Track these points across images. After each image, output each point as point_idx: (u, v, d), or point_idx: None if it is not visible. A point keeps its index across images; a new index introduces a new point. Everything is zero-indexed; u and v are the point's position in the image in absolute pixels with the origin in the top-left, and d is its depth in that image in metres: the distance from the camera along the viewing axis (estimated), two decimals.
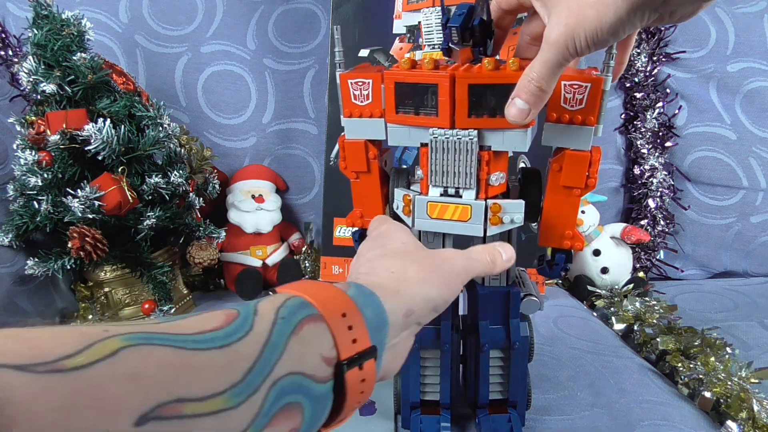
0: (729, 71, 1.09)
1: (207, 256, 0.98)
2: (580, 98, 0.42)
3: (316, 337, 0.29)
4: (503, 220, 0.46)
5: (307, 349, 0.28)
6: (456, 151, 0.45)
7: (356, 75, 0.47)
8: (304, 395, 0.27)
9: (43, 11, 0.83)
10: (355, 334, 0.30)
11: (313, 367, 0.28)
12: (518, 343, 0.54)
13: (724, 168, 1.10)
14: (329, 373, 0.29)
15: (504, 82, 0.41)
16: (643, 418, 0.61)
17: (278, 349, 0.26)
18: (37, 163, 0.83)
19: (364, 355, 0.30)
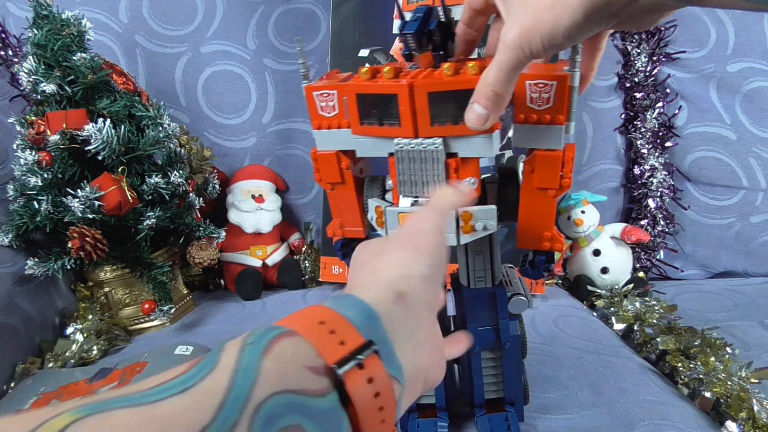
0: (729, 71, 1.09)
1: (207, 256, 0.98)
2: (546, 97, 0.40)
3: (293, 349, 0.26)
4: (475, 228, 0.45)
5: (287, 364, 0.25)
6: (422, 161, 0.44)
7: (321, 86, 0.45)
8: (303, 415, 0.24)
9: (43, 11, 0.83)
10: (341, 336, 0.27)
11: (301, 381, 0.25)
12: (509, 343, 0.54)
13: (724, 168, 1.10)
14: (325, 384, 0.26)
15: (463, 88, 0.39)
16: (643, 418, 0.61)
17: (251, 374, 0.24)
18: (37, 163, 0.83)
19: (359, 351, 0.27)
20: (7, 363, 0.78)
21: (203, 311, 0.98)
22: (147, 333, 0.92)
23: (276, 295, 1.04)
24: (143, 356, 0.78)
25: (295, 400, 0.24)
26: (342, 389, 0.26)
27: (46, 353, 0.82)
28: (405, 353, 0.30)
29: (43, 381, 0.75)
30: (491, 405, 0.58)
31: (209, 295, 1.08)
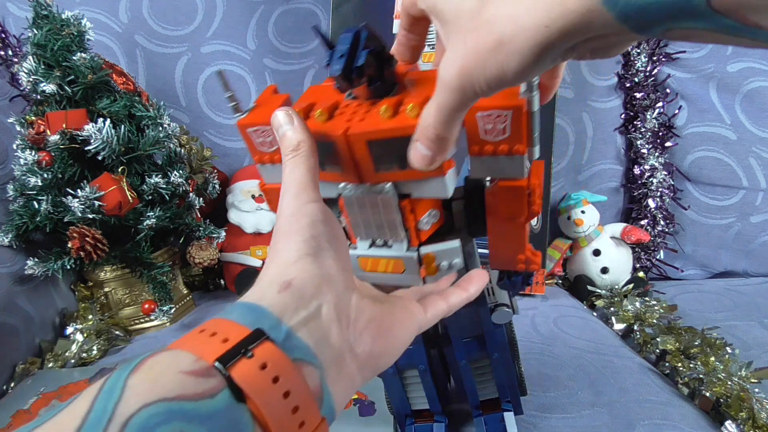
0: (729, 71, 1.09)
1: (207, 256, 0.98)
2: (501, 127, 0.35)
3: (167, 360, 0.24)
4: (440, 268, 0.42)
5: (158, 375, 0.23)
6: (372, 206, 0.40)
7: (254, 122, 0.40)
8: (187, 420, 0.22)
9: (43, 11, 0.83)
10: (224, 335, 0.26)
11: (179, 387, 0.23)
12: (497, 354, 0.53)
13: (724, 168, 1.10)
14: (212, 384, 0.24)
15: (403, 135, 0.34)
16: (643, 417, 0.61)
17: (116, 392, 0.22)
18: (37, 163, 0.83)
19: (246, 342, 0.25)
20: (7, 363, 0.78)
21: (203, 311, 0.98)
22: (147, 333, 0.92)
23: None
24: None
25: (174, 407, 0.22)
26: (236, 386, 0.24)
27: (46, 353, 0.82)
28: (312, 333, 0.28)
29: (43, 381, 0.75)
30: (488, 405, 0.58)
31: (209, 295, 1.08)
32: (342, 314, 0.30)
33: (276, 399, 0.25)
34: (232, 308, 0.28)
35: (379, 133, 0.35)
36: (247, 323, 0.26)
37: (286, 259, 0.31)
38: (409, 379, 0.57)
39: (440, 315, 0.38)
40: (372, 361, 0.31)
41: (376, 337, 0.31)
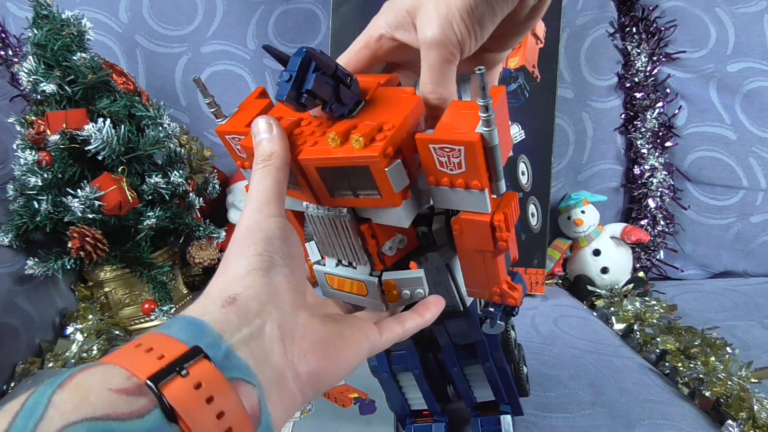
0: (729, 71, 1.09)
1: (207, 256, 0.98)
2: (456, 162, 0.33)
3: (97, 376, 0.23)
4: (402, 296, 0.40)
5: (86, 392, 0.22)
6: (333, 227, 0.39)
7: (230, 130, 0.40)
8: None
9: (43, 11, 0.83)
10: (160, 351, 0.25)
11: (108, 405, 0.22)
12: (488, 363, 0.51)
13: (724, 168, 1.10)
14: (143, 403, 0.23)
15: (350, 164, 0.33)
16: (643, 417, 0.61)
17: (39, 409, 0.21)
18: (37, 163, 0.82)
19: (182, 359, 0.24)
20: (7, 363, 0.78)
21: None
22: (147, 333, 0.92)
23: None
24: None
25: (100, 427, 0.21)
26: (167, 405, 0.23)
27: (46, 353, 0.82)
28: (253, 352, 0.27)
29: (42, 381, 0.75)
30: (487, 406, 0.58)
31: None
32: (286, 333, 0.29)
33: (209, 419, 0.24)
34: (172, 322, 0.27)
35: (326, 161, 0.34)
36: (185, 339, 0.26)
37: (234, 273, 0.30)
38: (405, 381, 0.56)
39: (395, 339, 0.37)
40: (315, 382, 0.30)
41: (321, 358, 0.30)
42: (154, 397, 0.23)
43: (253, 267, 0.30)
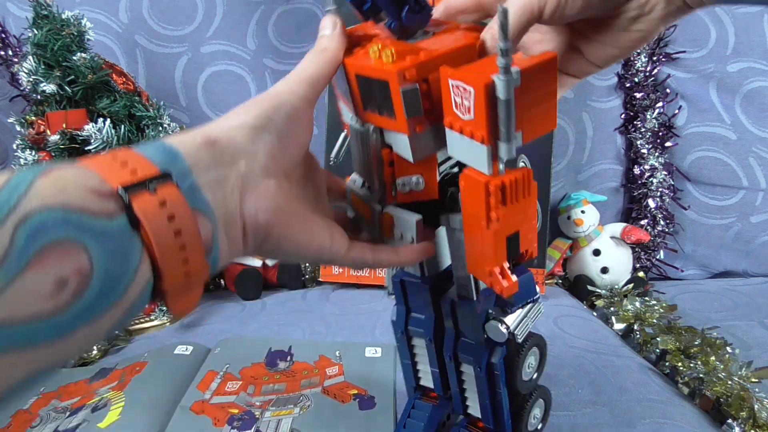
0: (729, 71, 1.09)
1: None
2: (468, 106, 0.31)
3: (73, 176, 0.25)
4: (395, 235, 0.40)
5: (65, 184, 0.24)
6: (361, 142, 0.39)
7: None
8: (78, 231, 0.23)
9: (43, 11, 0.83)
10: (133, 166, 0.26)
11: (80, 199, 0.24)
12: (479, 368, 0.46)
13: (724, 168, 1.11)
14: (111, 207, 0.25)
15: (376, 77, 0.33)
16: (644, 416, 0.61)
17: (21, 187, 0.23)
18: (37, 163, 0.82)
19: (153, 179, 0.26)
20: None
21: (203, 311, 0.98)
22: (147, 333, 0.92)
23: (276, 295, 1.04)
24: (143, 356, 0.78)
25: (72, 217, 0.23)
26: (133, 215, 0.25)
27: None
28: (215, 194, 0.29)
29: (43, 381, 0.75)
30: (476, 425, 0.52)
31: (209, 295, 1.08)
32: (248, 188, 0.31)
33: (168, 234, 0.26)
34: (150, 144, 0.29)
35: (358, 68, 0.35)
36: (158, 162, 0.27)
37: (226, 121, 0.32)
38: (419, 350, 0.53)
39: (359, 261, 0.38)
40: (259, 239, 0.32)
41: (271, 222, 0.32)
42: (123, 205, 0.25)
43: (246, 123, 0.32)
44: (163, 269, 0.26)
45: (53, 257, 0.22)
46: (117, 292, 0.25)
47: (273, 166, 0.33)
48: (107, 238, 0.24)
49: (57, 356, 0.23)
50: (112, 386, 0.71)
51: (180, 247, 0.26)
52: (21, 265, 0.21)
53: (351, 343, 0.80)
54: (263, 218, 0.31)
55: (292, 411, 0.64)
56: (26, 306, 0.22)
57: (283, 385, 0.70)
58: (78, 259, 0.23)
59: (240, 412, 0.64)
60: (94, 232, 0.24)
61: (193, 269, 0.27)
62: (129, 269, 0.25)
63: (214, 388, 0.69)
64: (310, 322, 0.89)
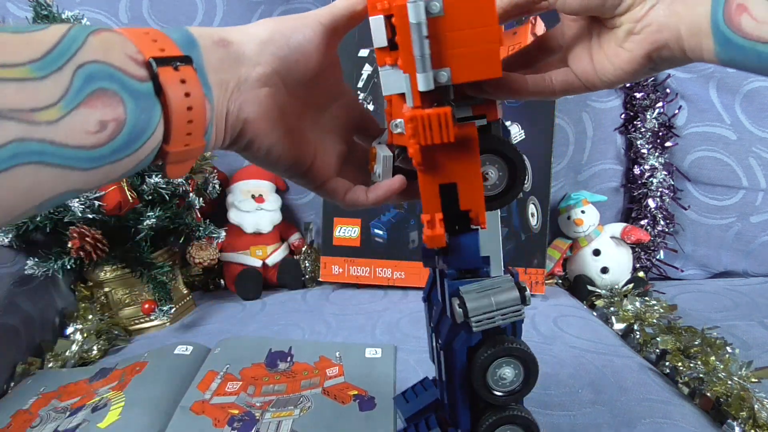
0: (729, 71, 1.08)
1: (207, 256, 0.98)
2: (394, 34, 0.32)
3: (117, 41, 0.29)
4: (375, 170, 0.40)
5: (110, 47, 0.29)
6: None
7: None
8: (119, 86, 0.28)
9: (43, 11, 0.83)
10: (161, 45, 0.31)
11: (121, 61, 0.29)
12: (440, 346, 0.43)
13: (724, 168, 1.10)
14: (143, 73, 0.29)
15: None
16: (644, 416, 0.61)
17: (78, 41, 0.27)
18: None
19: (177, 59, 0.31)
20: (7, 363, 0.78)
21: (203, 311, 0.98)
22: (147, 333, 0.92)
23: (276, 295, 1.04)
24: (143, 356, 0.78)
25: (114, 73, 0.28)
26: (158, 84, 0.30)
27: (46, 353, 0.82)
28: (217, 86, 0.34)
29: (43, 381, 0.75)
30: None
31: (209, 295, 1.08)
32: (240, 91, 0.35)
33: (182, 105, 0.31)
34: (174, 29, 0.33)
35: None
36: (180, 46, 0.32)
37: (246, 29, 0.37)
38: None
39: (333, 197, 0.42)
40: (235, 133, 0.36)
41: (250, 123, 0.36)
42: (152, 74, 0.30)
43: (258, 36, 0.36)
44: (173, 135, 0.31)
45: (100, 102, 0.27)
46: (138, 143, 0.29)
47: (272, 78, 0.37)
48: (139, 96, 0.29)
49: (81, 184, 0.28)
50: (112, 386, 0.71)
51: (188, 121, 0.31)
52: (77, 101, 0.26)
53: (351, 344, 0.80)
54: (243, 116, 0.36)
55: (292, 412, 0.64)
56: (75, 135, 0.26)
57: (284, 386, 0.70)
58: (117, 109, 0.28)
59: (240, 413, 0.64)
60: (130, 89, 0.29)
61: (192, 142, 0.32)
62: (150, 127, 0.30)
63: (214, 389, 0.69)
64: (310, 322, 0.89)
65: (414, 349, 0.78)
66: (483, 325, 0.39)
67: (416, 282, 1.01)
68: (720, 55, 0.29)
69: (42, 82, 0.25)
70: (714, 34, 0.29)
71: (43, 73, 0.25)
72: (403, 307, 0.94)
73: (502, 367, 0.42)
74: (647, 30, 0.33)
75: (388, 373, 0.71)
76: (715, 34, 0.29)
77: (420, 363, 0.73)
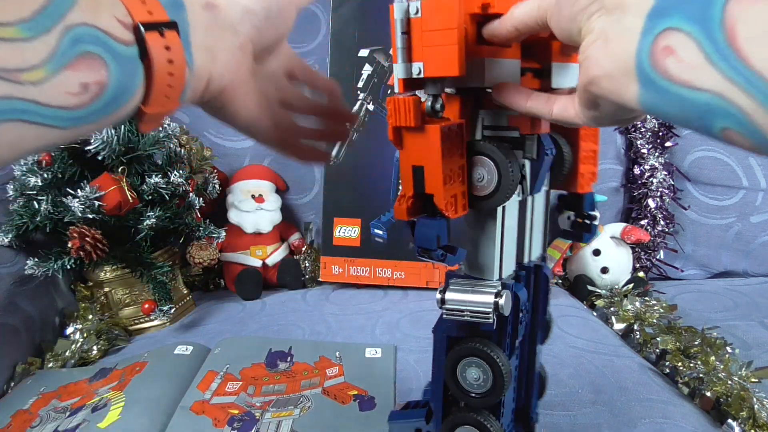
0: None
1: (207, 256, 0.98)
2: None
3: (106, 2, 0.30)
4: None
5: (99, 8, 0.29)
6: None
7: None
8: (105, 49, 0.29)
9: None
10: (150, 6, 0.31)
11: (109, 25, 0.29)
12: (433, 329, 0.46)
13: (724, 168, 1.11)
14: (129, 37, 0.30)
15: None
16: (644, 416, 0.61)
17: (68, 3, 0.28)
18: (37, 163, 0.83)
19: (163, 24, 0.32)
20: (7, 363, 0.78)
21: (203, 311, 0.98)
22: (147, 333, 0.92)
23: (276, 295, 1.04)
24: (143, 356, 0.78)
25: (101, 37, 0.29)
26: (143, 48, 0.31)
27: (46, 353, 0.82)
28: (198, 51, 0.35)
29: (43, 381, 0.75)
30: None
31: (209, 295, 1.08)
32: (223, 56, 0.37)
33: (164, 71, 0.32)
34: None
35: None
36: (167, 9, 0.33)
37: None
38: None
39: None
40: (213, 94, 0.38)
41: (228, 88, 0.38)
42: (138, 38, 0.30)
43: (244, 5, 0.38)
44: (153, 97, 0.32)
45: (84, 65, 0.28)
46: (118, 105, 0.30)
47: (248, 46, 0.39)
48: (123, 61, 0.30)
49: (60, 140, 0.29)
50: (112, 386, 0.71)
51: (168, 86, 0.33)
52: (62, 63, 0.27)
53: (351, 344, 0.80)
54: (224, 81, 0.38)
55: (293, 412, 0.64)
56: (58, 96, 0.27)
57: (284, 386, 0.70)
58: (101, 72, 0.29)
59: (240, 413, 0.64)
60: (115, 53, 0.29)
61: (168, 105, 0.34)
62: (131, 90, 0.31)
63: (214, 389, 0.69)
64: (310, 322, 0.89)
65: (414, 348, 0.78)
66: (452, 315, 0.42)
67: (416, 282, 1.01)
68: (642, 97, 0.26)
69: (30, 42, 0.26)
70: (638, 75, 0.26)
71: (31, 33, 0.26)
72: (403, 307, 0.94)
73: (471, 367, 0.42)
74: (585, 63, 0.30)
75: (388, 374, 0.71)
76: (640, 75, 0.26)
77: (420, 363, 0.74)
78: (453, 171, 0.38)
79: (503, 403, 0.44)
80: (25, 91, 0.26)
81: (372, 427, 0.61)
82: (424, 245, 0.39)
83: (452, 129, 0.37)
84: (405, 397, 0.66)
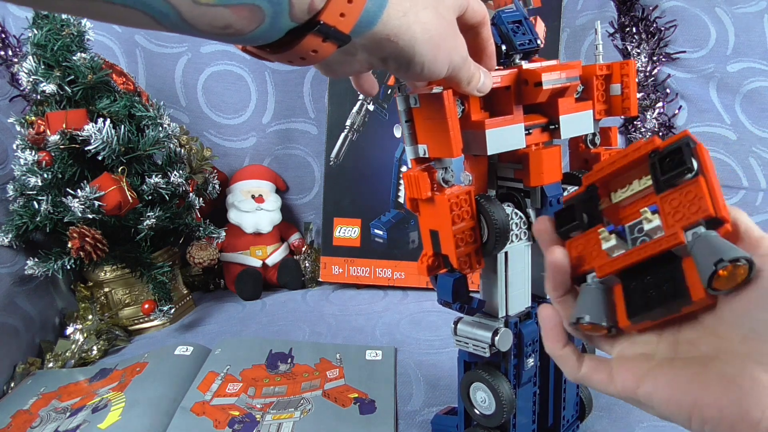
0: (729, 71, 1.08)
1: (207, 256, 0.98)
2: None
3: None
4: None
5: None
6: None
7: None
8: (270, 4, 0.28)
9: (43, 11, 0.83)
10: (346, 8, 0.31)
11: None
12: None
13: (724, 168, 1.10)
14: (304, 17, 0.30)
15: None
16: (642, 419, 0.61)
17: None
18: (37, 163, 0.82)
19: (337, 36, 0.31)
20: (7, 363, 0.78)
21: (203, 311, 0.98)
22: (147, 333, 0.92)
23: (276, 295, 1.04)
24: (143, 356, 0.78)
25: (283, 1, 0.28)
26: (300, 33, 0.30)
27: (46, 353, 0.82)
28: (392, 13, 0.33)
29: (43, 381, 0.75)
30: None
31: (209, 295, 1.08)
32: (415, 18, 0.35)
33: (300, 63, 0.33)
34: None
35: None
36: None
37: None
38: None
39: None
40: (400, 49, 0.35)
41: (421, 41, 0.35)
42: (305, 24, 0.30)
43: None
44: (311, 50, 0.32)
45: (243, 13, 0.28)
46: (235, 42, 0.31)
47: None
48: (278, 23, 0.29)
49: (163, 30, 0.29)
50: (112, 387, 0.71)
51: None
52: (228, 2, 0.27)
53: (351, 346, 0.80)
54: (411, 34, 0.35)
55: (293, 415, 0.64)
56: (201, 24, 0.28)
57: (284, 388, 0.70)
58: (251, 25, 0.29)
59: (241, 415, 0.64)
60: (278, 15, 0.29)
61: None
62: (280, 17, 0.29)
63: (214, 390, 0.69)
64: (310, 323, 0.89)
65: (414, 350, 0.78)
66: (460, 345, 0.49)
67: (416, 282, 1.01)
68: None
69: None
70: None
71: None
72: (403, 308, 0.94)
73: (479, 390, 0.50)
74: None
75: (389, 377, 0.71)
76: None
77: (420, 365, 0.73)
78: (465, 233, 0.43)
79: (515, 425, 0.51)
80: (185, 4, 0.26)
81: (372, 431, 0.61)
82: (444, 298, 0.46)
83: (460, 197, 0.42)
84: (405, 400, 0.67)
